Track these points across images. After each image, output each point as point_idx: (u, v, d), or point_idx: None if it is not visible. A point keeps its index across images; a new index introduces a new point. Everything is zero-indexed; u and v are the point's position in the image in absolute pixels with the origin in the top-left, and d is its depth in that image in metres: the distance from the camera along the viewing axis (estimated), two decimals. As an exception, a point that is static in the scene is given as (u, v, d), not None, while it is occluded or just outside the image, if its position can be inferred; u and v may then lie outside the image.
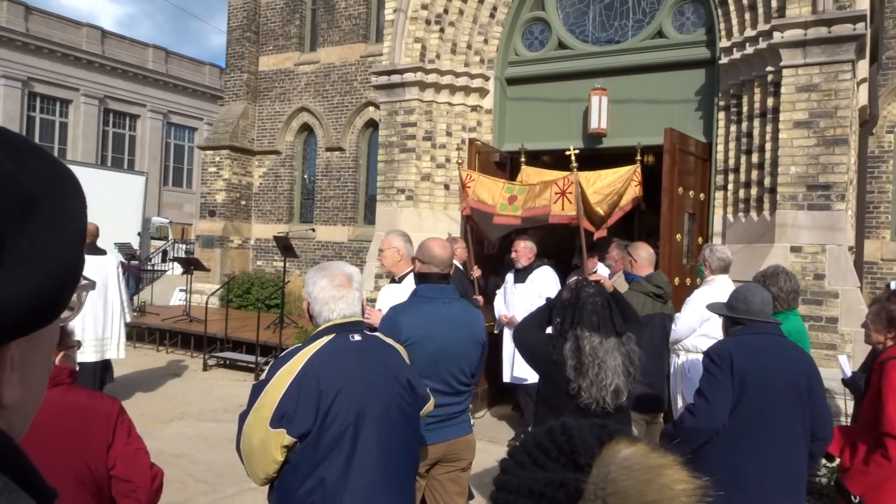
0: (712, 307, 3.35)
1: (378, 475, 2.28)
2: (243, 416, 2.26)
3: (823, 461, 5.61)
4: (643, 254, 4.76)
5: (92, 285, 0.75)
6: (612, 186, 6.72)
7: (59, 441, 2.09)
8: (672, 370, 5.16)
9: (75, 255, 0.58)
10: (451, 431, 3.22)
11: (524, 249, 6.57)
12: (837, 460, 3.22)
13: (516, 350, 4.09)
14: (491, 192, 6.86)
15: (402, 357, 2.53)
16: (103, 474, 2.18)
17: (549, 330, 3.26)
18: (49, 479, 2.04)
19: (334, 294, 2.36)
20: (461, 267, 6.38)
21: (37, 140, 26.58)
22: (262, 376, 2.31)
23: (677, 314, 5.19)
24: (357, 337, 2.37)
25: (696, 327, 4.94)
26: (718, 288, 5.05)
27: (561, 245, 8.75)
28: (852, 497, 2.96)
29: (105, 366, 6.95)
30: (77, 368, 2.35)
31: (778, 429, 2.84)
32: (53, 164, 0.59)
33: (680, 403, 5.08)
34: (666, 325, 5.01)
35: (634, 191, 6.81)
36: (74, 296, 0.79)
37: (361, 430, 2.24)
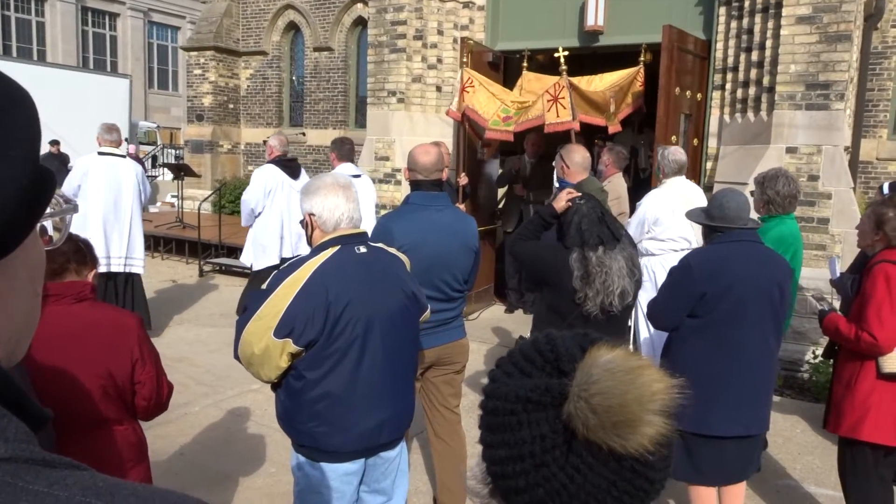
0: (690, 215, 3.33)
1: (384, 382, 2.38)
2: (241, 323, 2.29)
3: (806, 357, 5.81)
4: (577, 158, 4.31)
5: (75, 208, 0.73)
6: (616, 85, 6.59)
7: (86, 352, 2.21)
8: None
9: (25, 184, 0.55)
10: (444, 336, 3.29)
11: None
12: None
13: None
14: (487, 106, 6.76)
15: (405, 267, 2.56)
16: (127, 383, 2.31)
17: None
18: (77, 387, 2.12)
19: (340, 203, 2.36)
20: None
21: (14, 41, 25.67)
22: (264, 286, 2.32)
23: (628, 219, 5.14)
24: (362, 248, 2.39)
25: (647, 230, 4.90)
26: (669, 190, 4.95)
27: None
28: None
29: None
30: (96, 284, 2.42)
31: (749, 331, 2.95)
32: (3, 87, 0.55)
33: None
34: None
35: (639, 90, 6.68)
36: (58, 218, 0.77)
37: (369, 340, 2.30)
